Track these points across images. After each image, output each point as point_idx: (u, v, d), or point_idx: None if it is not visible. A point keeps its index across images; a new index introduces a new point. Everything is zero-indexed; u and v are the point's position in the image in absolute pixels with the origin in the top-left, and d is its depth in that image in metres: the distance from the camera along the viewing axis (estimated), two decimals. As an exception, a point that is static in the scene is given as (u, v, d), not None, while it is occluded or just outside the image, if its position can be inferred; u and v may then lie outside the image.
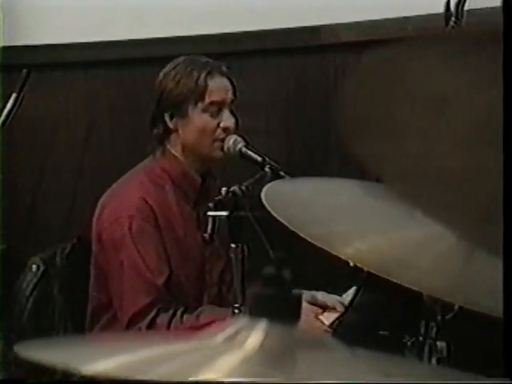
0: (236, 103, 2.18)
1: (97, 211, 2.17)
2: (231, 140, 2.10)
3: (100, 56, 2.81)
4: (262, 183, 1.89)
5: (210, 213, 1.74)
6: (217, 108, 2.13)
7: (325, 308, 2.00)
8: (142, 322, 2.03)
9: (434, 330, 1.13)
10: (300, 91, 2.67)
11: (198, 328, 1.96)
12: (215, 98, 2.12)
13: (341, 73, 2.60)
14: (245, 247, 1.69)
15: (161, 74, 2.17)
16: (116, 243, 2.08)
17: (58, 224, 2.78)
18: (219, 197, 1.75)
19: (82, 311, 2.20)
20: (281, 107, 2.74)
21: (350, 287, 1.84)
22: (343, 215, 1.03)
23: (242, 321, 0.57)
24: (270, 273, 0.55)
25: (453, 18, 1.64)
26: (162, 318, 2.03)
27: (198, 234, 2.14)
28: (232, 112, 2.16)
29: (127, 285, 2.06)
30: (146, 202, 2.09)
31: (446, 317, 1.13)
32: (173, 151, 2.17)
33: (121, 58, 2.77)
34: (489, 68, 0.44)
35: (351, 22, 2.58)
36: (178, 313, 2.03)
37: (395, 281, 0.93)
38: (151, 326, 2.02)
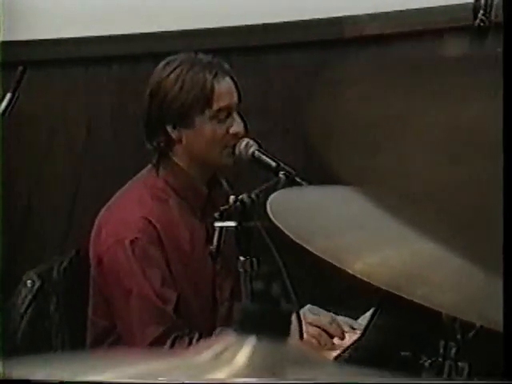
0: (243, 105, 2.18)
1: (94, 230, 2.17)
2: (243, 143, 2.12)
3: (102, 51, 2.85)
4: (275, 190, 1.92)
5: (217, 224, 1.76)
6: (225, 113, 2.12)
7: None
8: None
9: (454, 349, 1.17)
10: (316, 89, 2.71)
11: None
12: (223, 103, 2.11)
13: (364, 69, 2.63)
14: (254, 260, 1.72)
15: (155, 78, 2.13)
16: (119, 269, 2.08)
17: (55, 235, 2.81)
18: (226, 206, 1.77)
19: (81, 329, 2.22)
20: (297, 107, 2.78)
21: (366, 307, 1.88)
22: (352, 226, 1.07)
23: (230, 337, 0.61)
24: (259, 288, 0.60)
25: (481, 11, 1.68)
26: (179, 347, 2.01)
27: (207, 247, 2.17)
28: (240, 115, 2.16)
29: (136, 315, 2.05)
30: (149, 222, 2.09)
31: (467, 336, 1.17)
32: (177, 162, 2.16)
33: (125, 53, 2.81)
34: (470, 81, 0.48)
35: (375, 13, 2.62)
36: (194, 341, 2.03)
37: (406, 297, 0.96)
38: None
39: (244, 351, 0.61)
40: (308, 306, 2.11)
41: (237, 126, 2.13)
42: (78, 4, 2.80)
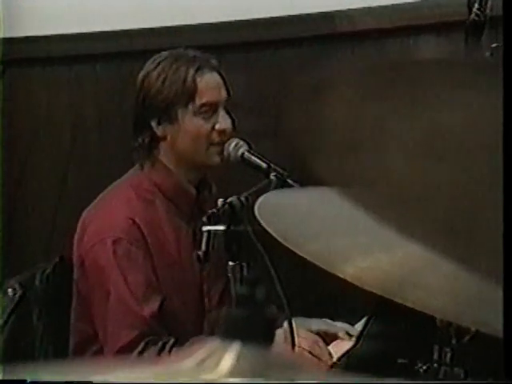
0: (231, 101, 2.19)
1: (78, 230, 2.18)
2: (232, 144, 2.12)
3: (87, 49, 2.86)
4: (266, 193, 1.93)
5: (205, 227, 1.78)
6: (210, 109, 2.13)
7: (333, 338, 2.03)
8: (128, 356, 2.03)
9: (449, 355, 1.18)
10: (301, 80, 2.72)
11: None
12: (207, 98, 2.13)
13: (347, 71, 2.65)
14: (244, 265, 1.73)
15: (141, 73, 2.17)
16: (99, 269, 2.09)
17: (37, 241, 2.82)
18: (215, 209, 1.79)
19: (65, 340, 2.23)
20: (289, 104, 2.79)
21: (360, 313, 1.90)
22: (343, 229, 1.08)
23: (214, 343, 0.63)
24: (243, 292, 0.61)
25: (476, 5, 1.69)
26: (150, 352, 2.05)
27: (194, 252, 2.18)
28: (228, 112, 2.16)
29: (112, 317, 2.08)
30: (134, 222, 2.10)
31: (462, 341, 1.18)
32: (164, 161, 2.18)
33: (111, 51, 2.82)
34: (458, 81, 0.49)
35: (369, 7, 2.64)
36: (167, 346, 2.05)
37: (399, 301, 0.98)
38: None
39: (228, 357, 0.62)
40: (299, 318, 2.12)
41: (223, 123, 2.15)
42: (61, 1, 2.81)
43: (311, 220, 1.11)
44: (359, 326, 1.99)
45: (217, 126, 2.15)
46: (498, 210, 0.59)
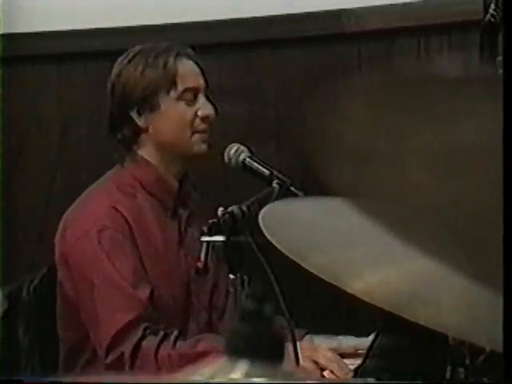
0: (211, 90, 2.23)
1: (59, 231, 2.20)
2: (233, 149, 2.15)
3: (75, 47, 2.89)
4: (268, 201, 1.95)
5: (204, 238, 1.79)
6: (192, 95, 2.19)
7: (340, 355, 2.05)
8: (124, 344, 2.01)
9: (462, 375, 1.20)
10: (316, 90, 2.74)
11: (192, 357, 1.97)
12: (189, 83, 2.18)
13: (365, 67, 2.67)
14: (245, 278, 1.75)
15: (115, 69, 2.21)
16: (85, 261, 2.09)
17: (25, 250, 2.83)
18: (215, 219, 1.80)
19: (54, 355, 2.23)
20: (293, 108, 2.81)
21: (368, 329, 1.91)
22: (351, 241, 1.10)
23: (220, 361, 0.64)
24: (250, 308, 0.63)
25: (493, 5, 1.71)
26: (150, 342, 2.02)
27: (182, 249, 2.20)
28: (208, 99, 2.21)
29: (103, 304, 2.05)
30: (117, 211, 2.12)
31: (476, 361, 1.20)
32: (144, 156, 2.21)
33: (100, 49, 2.84)
34: (471, 94, 0.51)
35: (378, 6, 2.66)
36: (172, 337, 2.02)
37: (409, 318, 1.00)
38: (136, 350, 2.01)
39: (235, 376, 0.64)
40: (308, 336, 2.14)
41: (206, 109, 2.19)
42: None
43: (317, 231, 1.12)
44: (367, 342, 2.00)
45: (199, 112, 2.19)
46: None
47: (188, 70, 2.19)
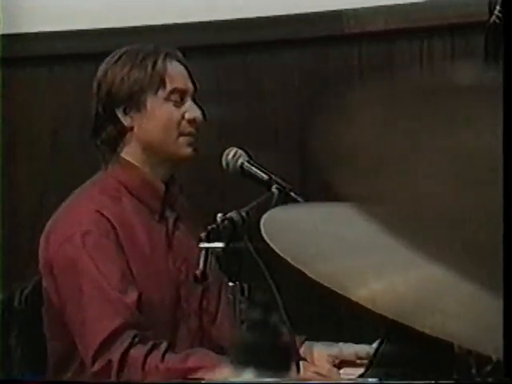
0: (199, 94, 2.23)
1: (43, 237, 2.19)
2: (231, 153, 2.15)
3: (67, 48, 2.89)
4: (267, 207, 1.95)
5: (202, 244, 1.79)
6: (179, 97, 2.20)
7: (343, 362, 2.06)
8: (112, 352, 2.01)
9: (468, 385, 1.20)
10: (315, 92, 2.76)
11: (181, 372, 1.97)
12: (177, 84, 2.20)
13: (367, 70, 2.68)
14: (245, 286, 1.75)
15: (102, 68, 2.22)
16: (69, 267, 2.09)
17: (17, 257, 2.83)
18: (213, 225, 1.81)
19: (45, 366, 2.22)
20: (292, 110, 2.82)
21: (371, 338, 1.92)
22: (356, 248, 1.11)
23: (226, 371, 0.65)
24: (256, 317, 0.63)
25: (498, 7, 1.72)
26: (138, 351, 2.01)
27: (170, 253, 2.21)
28: (196, 103, 2.22)
29: (89, 311, 2.05)
30: (102, 215, 2.12)
31: (483, 370, 1.20)
32: (128, 158, 2.21)
33: (93, 51, 2.84)
34: (483, 103, 0.52)
35: (379, 6, 2.67)
36: (162, 347, 2.02)
37: (415, 327, 1.00)
38: (124, 358, 2.01)
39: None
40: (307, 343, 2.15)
41: (193, 112, 2.21)
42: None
43: (321, 238, 1.13)
44: (371, 349, 2.01)
45: (186, 115, 2.20)
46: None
47: (176, 72, 2.21)
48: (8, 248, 2.85)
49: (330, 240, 1.11)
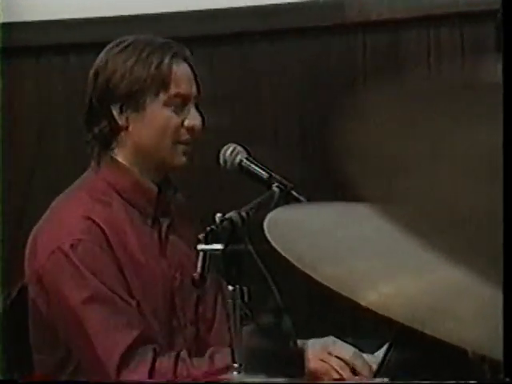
0: (201, 98, 2.21)
1: (29, 246, 2.17)
2: (229, 150, 2.14)
3: (55, 38, 2.89)
4: (268, 207, 1.96)
5: (200, 246, 1.79)
6: (181, 102, 2.18)
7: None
8: (136, 370, 2.01)
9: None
10: (316, 84, 2.77)
11: (212, 374, 1.96)
12: (181, 89, 2.17)
13: (370, 61, 2.69)
14: (245, 290, 1.75)
15: (103, 56, 2.18)
16: (63, 279, 2.07)
17: (1, 260, 2.83)
18: (212, 226, 1.80)
19: (32, 373, 2.24)
20: (293, 105, 2.83)
21: (379, 343, 1.93)
22: (365, 251, 1.12)
23: (238, 377, 0.66)
24: (268, 322, 0.64)
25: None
26: (163, 362, 2.02)
27: (164, 259, 2.20)
28: (198, 109, 2.20)
29: (97, 323, 2.04)
30: (93, 222, 2.10)
31: (497, 377, 1.21)
32: (119, 158, 2.19)
33: (82, 40, 2.85)
34: (489, 106, 0.54)
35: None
36: (182, 354, 2.02)
37: (427, 332, 1.01)
38: (152, 373, 2.01)
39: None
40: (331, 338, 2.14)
41: (193, 119, 2.18)
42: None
43: (328, 240, 1.14)
44: (379, 354, 2.01)
45: (186, 122, 2.18)
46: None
47: (182, 75, 2.18)
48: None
49: (338, 242, 1.12)
